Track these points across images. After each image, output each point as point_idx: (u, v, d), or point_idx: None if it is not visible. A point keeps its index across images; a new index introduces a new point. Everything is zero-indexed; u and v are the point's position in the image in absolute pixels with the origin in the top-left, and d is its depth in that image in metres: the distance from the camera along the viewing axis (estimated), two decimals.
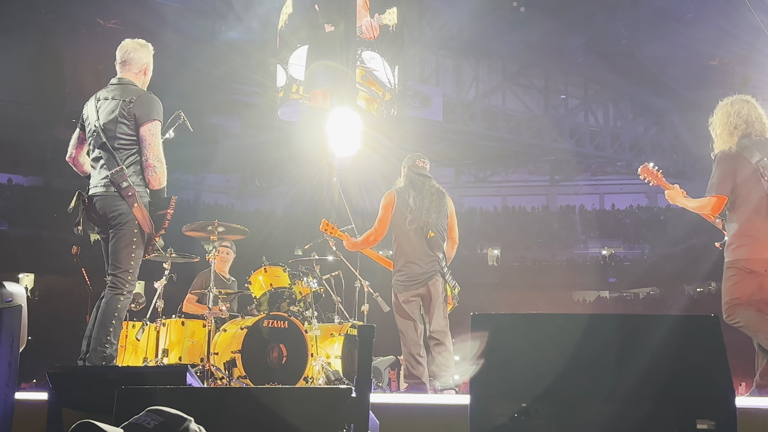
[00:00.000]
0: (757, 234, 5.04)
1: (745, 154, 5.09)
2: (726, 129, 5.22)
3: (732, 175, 5.09)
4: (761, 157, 5.05)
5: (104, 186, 5.14)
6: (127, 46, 5.48)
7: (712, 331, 2.82)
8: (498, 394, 2.79)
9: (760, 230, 5.04)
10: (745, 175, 5.08)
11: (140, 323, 7.10)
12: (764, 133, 5.21)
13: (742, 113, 5.20)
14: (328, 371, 7.24)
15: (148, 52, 5.55)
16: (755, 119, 5.20)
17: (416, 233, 6.69)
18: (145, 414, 2.43)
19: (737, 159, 5.10)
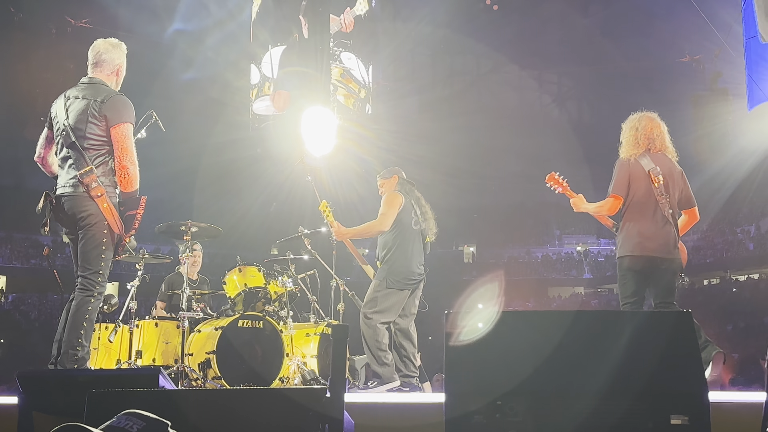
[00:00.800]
0: (645, 234, 5.66)
1: (641, 163, 5.74)
2: (631, 140, 5.88)
3: (627, 180, 5.74)
4: (654, 166, 5.71)
5: (72, 186, 5.04)
6: (99, 46, 5.38)
7: (684, 327, 2.84)
8: (473, 392, 2.79)
9: (648, 231, 5.66)
10: (639, 181, 5.73)
11: (113, 325, 7.03)
12: (663, 149, 5.89)
13: (647, 129, 5.88)
14: (304, 371, 7.20)
15: (121, 52, 5.45)
16: (657, 136, 5.88)
17: (417, 236, 7.12)
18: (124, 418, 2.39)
19: (633, 166, 5.76)
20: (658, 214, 5.71)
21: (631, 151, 5.83)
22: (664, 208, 5.70)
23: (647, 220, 5.69)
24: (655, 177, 5.69)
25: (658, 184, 5.68)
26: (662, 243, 5.67)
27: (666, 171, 5.77)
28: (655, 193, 5.69)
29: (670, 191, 5.75)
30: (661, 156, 5.83)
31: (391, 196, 7.18)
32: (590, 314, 3.02)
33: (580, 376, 2.79)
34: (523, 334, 2.91)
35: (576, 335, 2.88)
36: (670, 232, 5.71)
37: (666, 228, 5.70)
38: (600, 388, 2.74)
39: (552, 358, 2.81)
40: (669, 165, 5.82)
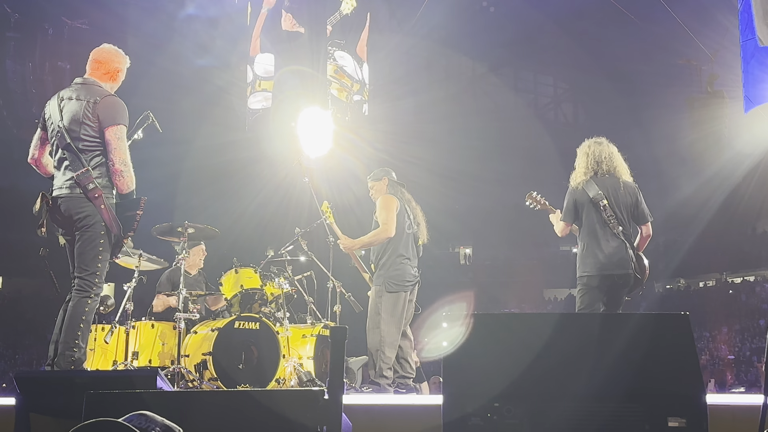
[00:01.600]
0: (595, 253, 6.20)
1: (586, 190, 6.26)
2: (582, 168, 6.42)
3: (573, 207, 6.36)
4: (598, 191, 6.23)
5: (69, 187, 5.04)
6: (104, 47, 5.41)
7: (682, 329, 2.84)
8: (470, 394, 2.79)
9: (600, 251, 6.18)
10: (585, 208, 6.28)
11: (109, 326, 7.01)
12: (611, 170, 6.37)
13: (595, 154, 6.41)
14: (300, 372, 7.20)
15: (124, 60, 5.46)
16: (604, 159, 6.38)
17: (411, 238, 7.19)
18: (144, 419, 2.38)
19: (579, 194, 6.33)
20: (608, 233, 6.20)
21: (579, 178, 6.37)
22: (614, 228, 6.19)
23: (599, 242, 6.21)
24: (599, 203, 6.20)
25: (603, 208, 6.20)
26: (615, 261, 6.16)
27: (611, 192, 6.25)
28: (603, 216, 6.20)
29: (617, 210, 6.23)
30: (608, 178, 6.32)
31: (386, 200, 7.18)
32: (587, 317, 3.03)
33: (577, 378, 2.79)
34: (520, 337, 2.91)
35: (573, 337, 2.89)
36: (621, 249, 6.18)
37: (619, 246, 6.19)
38: (597, 390, 2.75)
39: (549, 361, 2.81)
40: (615, 185, 6.30)
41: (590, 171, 6.36)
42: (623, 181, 6.36)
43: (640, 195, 6.40)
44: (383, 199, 7.22)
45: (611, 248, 6.18)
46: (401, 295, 7.00)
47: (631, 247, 6.24)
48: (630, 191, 6.35)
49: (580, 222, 6.36)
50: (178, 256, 7.41)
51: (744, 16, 8.24)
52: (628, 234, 6.26)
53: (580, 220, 6.35)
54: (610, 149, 6.47)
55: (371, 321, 7.01)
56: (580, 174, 6.39)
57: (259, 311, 7.50)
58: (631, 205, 6.32)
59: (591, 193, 6.24)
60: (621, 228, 6.20)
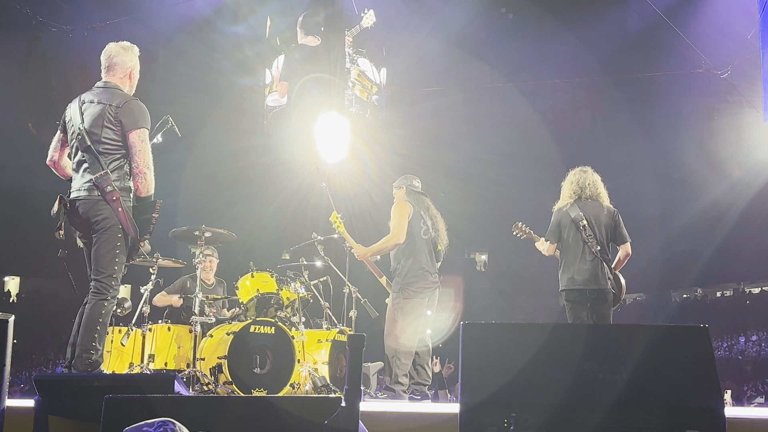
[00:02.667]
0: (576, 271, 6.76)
1: (569, 212, 6.86)
2: (567, 192, 7.02)
3: (557, 228, 6.93)
4: (579, 213, 6.81)
5: (87, 190, 5.06)
6: (111, 50, 5.39)
7: (701, 342, 2.83)
8: (487, 403, 2.78)
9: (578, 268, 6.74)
10: (567, 228, 6.86)
11: (126, 328, 7.05)
12: (594, 195, 6.96)
13: (579, 181, 7.00)
14: (315, 377, 7.20)
15: (133, 54, 5.46)
16: (588, 185, 6.97)
17: (428, 244, 7.21)
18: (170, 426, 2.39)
19: (562, 215, 6.91)
20: (586, 252, 6.76)
21: (564, 201, 6.99)
22: (592, 247, 6.75)
23: (577, 259, 6.78)
24: (579, 223, 6.78)
25: (583, 228, 6.77)
26: (590, 277, 6.72)
27: (592, 215, 6.85)
28: (583, 236, 6.77)
29: (596, 231, 6.80)
30: (590, 202, 6.93)
31: (398, 206, 7.23)
32: (607, 327, 3.01)
33: (595, 388, 2.78)
34: (537, 346, 2.90)
35: (592, 348, 2.87)
36: (597, 267, 6.74)
37: (594, 263, 6.74)
38: (615, 401, 2.73)
39: (567, 371, 2.80)
40: (597, 209, 6.91)
41: (574, 195, 6.95)
42: (605, 206, 6.96)
43: (619, 218, 6.97)
44: (396, 206, 7.28)
45: (587, 265, 6.74)
46: (418, 301, 7.00)
47: (607, 265, 6.81)
48: (610, 215, 6.93)
49: (561, 241, 6.93)
50: (194, 260, 7.43)
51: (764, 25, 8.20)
52: (605, 253, 6.83)
53: (562, 240, 6.92)
54: (594, 177, 7.07)
55: (388, 327, 7.02)
56: (565, 198, 7.01)
57: (275, 315, 7.52)
58: (611, 227, 6.90)
59: (573, 215, 6.84)
60: (599, 248, 6.76)
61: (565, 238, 6.89)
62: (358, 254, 7.44)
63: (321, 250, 8.23)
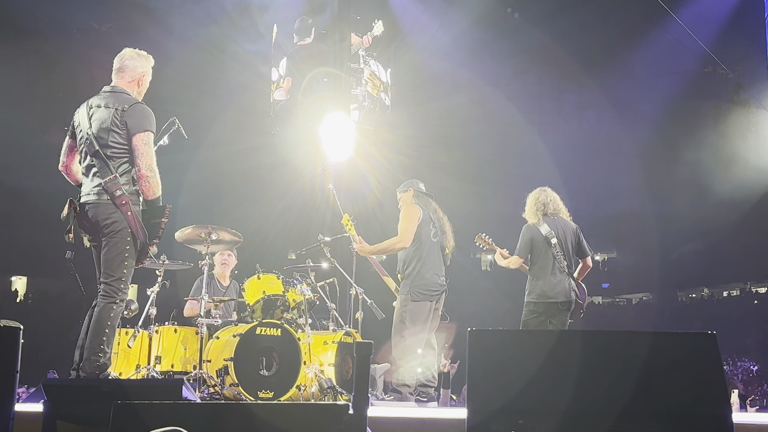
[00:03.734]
0: (546, 284, 7.15)
1: (540, 229, 7.25)
2: (532, 210, 7.41)
3: (528, 243, 7.28)
4: (549, 230, 7.20)
5: (97, 194, 5.09)
6: (125, 53, 5.45)
7: (709, 348, 2.82)
8: (495, 410, 2.79)
9: (548, 282, 7.15)
10: (538, 244, 7.24)
11: (132, 330, 7.07)
12: (557, 212, 7.38)
13: (541, 199, 7.42)
14: (321, 379, 7.21)
15: (147, 62, 5.49)
16: (549, 202, 7.39)
17: (437, 247, 7.27)
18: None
19: (534, 231, 7.29)
20: (555, 267, 7.16)
21: (532, 219, 7.37)
22: (560, 262, 7.17)
23: (547, 274, 7.17)
24: (550, 239, 7.18)
25: (553, 245, 7.17)
26: (560, 290, 7.13)
27: (560, 232, 7.25)
28: (552, 252, 7.17)
29: (564, 247, 7.22)
30: (556, 219, 7.34)
31: (408, 210, 7.24)
32: (614, 334, 3.00)
33: (602, 396, 2.78)
34: (545, 353, 2.89)
35: (599, 354, 2.87)
36: (565, 281, 7.17)
37: (562, 278, 7.17)
38: (622, 408, 2.73)
39: (575, 378, 2.80)
40: (563, 225, 7.32)
41: (539, 213, 7.36)
42: (569, 223, 7.41)
43: (581, 234, 7.44)
44: (405, 209, 7.30)
45: (557, 279, 7.15)
46: (426, 304, 7.03)
47: (572, 278, 7.27)
48: (574, 231, 7.39)
49: (531, 256, 7.31)
50: (201, 261, 7.44)
51: None
52: (571, 267, 7.29)
53: (532, 254, 7.30)
54: (554, 195, 7.51)
55: (395, 329, 7.04)
56: (531, 215, 7.40)
57: (281, 317, 7.53)
58: (575, 243, 7.35)
59: (543, 232, 7.23)
60: (566, 263, 7.22)
61: (536, 253, 7.27)
62: (361, 250, 7.46)
63: (327, 252, 8.23)
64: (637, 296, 35.49)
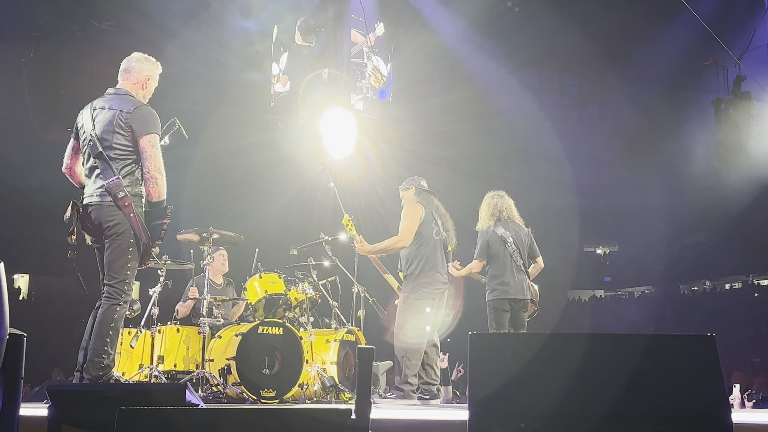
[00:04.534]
0: (504, 282, 7.55)
1: (496, 231, 7.65)
2: (487, 214, 7.81)
3: (486, 246, 7.66)
4: (505, 231, 7.64)
5: (99, 196, 5.12)
6: (133, 56, 5.49)
7: (708, 351, 2.84)
8: (496, 413, 2.80)
9: (506, 280, 7.55)
10: (496, 244, 7.62)
11: (135, 330, 7.10)
12: (511, 217, 7.83)
13: (498, 205, 7.83)
14: (324, 377, 7.24)
15: (153, 67, 5.51)
16: (505, 208, 7.83)
17: (439, 245, 7.29)
18: None
19: (491, 234, 7.68)
20: (513, 266, 7.58)
21: (488, 222, 7.78)
22: (517, 261, 7.60)
23: (506, 272, 7.58)
24: (506, 239, 7.60)
25: (509, 245, 7.59)
26: (517, 288, 7.58)
27: (514, 233, 7.69)
28: (509, 251, 7.58)
29: (519, 248, 7.66)
30: (510, 222, 7.79)
31: (410, 208, 7.23)
32: (615, 337, 3.02)
33: (603, 399, 2.80)
34: (547, 357, 2.91)
35: (600, 358, 2.89)
36: (522, 278, 7.64)
37: (519, 276, 7.62)
38: (623, 411, 2.75)
39: (575, 381, 2.82)
40: (516, 228, 7.77)
41: (494, 217, 7.76)
42: (522, 227, 7.85)
43: (533, 237, 7.93)
44: (407, 207, 7.29)
45: (515, 277, 7.57)
46: (429, 302, 7.04)
47: (528, 277, 7.74)
48: (527, 234, 7.85)
49: (489, 257, 7.68)
50: (202, 261, 7.47)
51: None
52: (526, 266, 7.73)
53: (490, 256, 7.67)
54: (509, 201, 7.93)
55: (398, 327, 7.04)
56: (486, 219, 7.81)
57: (283, 316, 7.56)
58: (527, 244, 7.78)
59: (499, 233, 7.64)
60: (522, 262, 7.65)
61: (494, 254, 7.64)
62: (361, 250, 7.45)
63: (329, 250, 8.26)
64: (639, 289, 35.46)
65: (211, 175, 21.31)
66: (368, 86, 13.71)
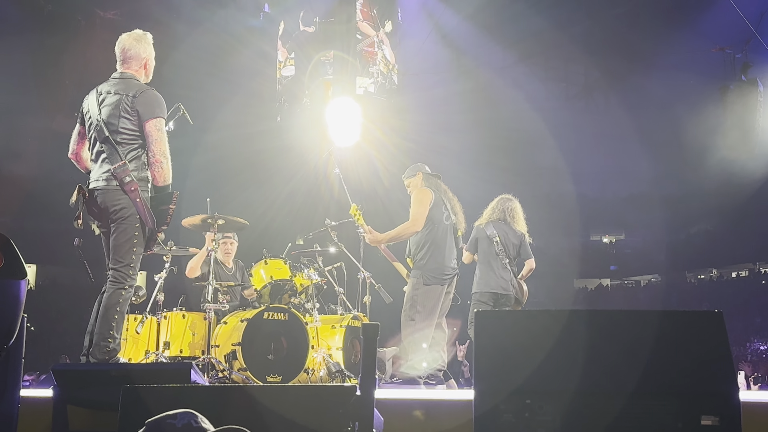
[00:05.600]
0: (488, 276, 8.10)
1: (485, 230, 8.22)
2: (487, 214, 8.41)
3: (474, 241, 8.30)
4: (493, 230, 8.18)
5: (106, 180, 5.11)
6: (124, 42, 5.41)
7: (716, 327, 2.82)
8: (502, 391, 2.79)
9: (491, 275, 8.10)
10: (483, 242, 8.21)
11: (141, 316, 7.10)
12: (508, 219, 8.32)
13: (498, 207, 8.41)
14: (329, 363, 7.24)
15: (147, 44, 5.47)
16: (504, 210, 8.36)
17: (450, 230, 7.24)
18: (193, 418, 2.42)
19: (480, 231, 8.27)
20: (498, 263, 8.09)
21: (482, 220, 8.37)
22: (503, 259, 8.11)
23: (491, 269, 8.11)
24: (492, 239, 8.14)
25: (496, 244, 8.12)
26: (500, 284, 8.07)
27: (502, 234, 8.20)
28: (495, 250, 8.11)
29: (506, 246, 8.17)
30: (501, 224, 8.29)
31: (419, 193, 7.14)
32: (619, 313, 3.00)
33: (609, 375, 2.78)
34: (552, 333, 2.90)
35: (606, 334, 2.87)
36: (506, 276, 8.12)
37: (503, 273, 8.11)
38: (630, 387, 2.73)
39: (582, 358, 2.80)
40: (506, 230, 8.27)
41: (492, 217, 8.34)
42: (515, 229, 8.32)
43: (525, 239, 8.34)
44: (417, 192, 7.18)
45: (498, 274, 8.09)
46: (438, 288, 6.96)
47: (513, 275, 8.21)
48: (517, 235, 8.29)
49: (478, 253, 8.26)
50: (209, 248, 7.45)
51: None
52: (512, 265, 8.22)
53: (478, 252, 8.25)
54: (513, 205, 8.46)
55: (406, 313, 6.98)
56: (484, 218, 8.39)
57: (289, 302, 7.55)
58: (517, 246, 8.25)
59: (487, 232, 8.19)
60: (507, 261, 8.14)
61: (481, 250, 8.21)
62: (371, 240, 7.36)
63: (334, 236, 8.25)
64: (645, 278, 35.44)
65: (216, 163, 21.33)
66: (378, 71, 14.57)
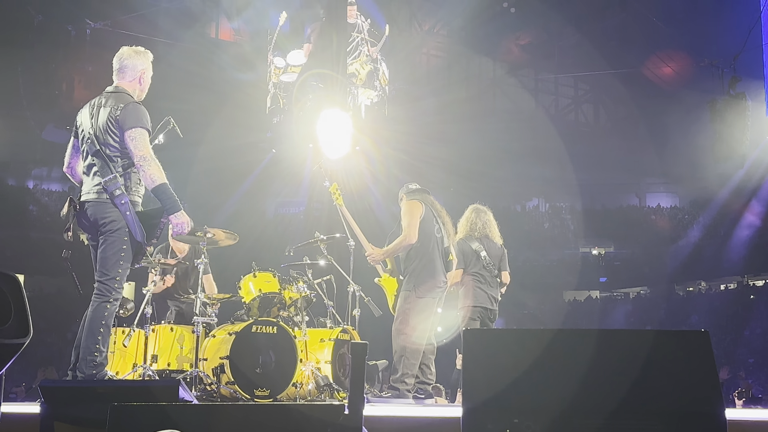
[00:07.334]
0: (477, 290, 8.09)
1: (471, 244, 8.19)
2: (464, 227, 8.35)
3: (462, 255, 8.05)
4: (478, 245, 8.18)
5: (96, 192, 5.12)
6: (123, 53, 5.45)
7: (701, 346, 2.83)
8: (490, 409, 2.79)
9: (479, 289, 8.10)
10: (470, 257, 8.16)
11: (128, 329, 7.06)
12: (484, 231, 8.33)
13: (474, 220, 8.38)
14: (318, 376, 7.21)
15: (145, 59, 5.49)
16: (483, 224, 8.36)
17: (440, 243, 7.23)
18: None
19: (464, 245, 8.18)
20: (486, 277, 8.14)
21: (464, 234, 8.29)
22: (492, 273, 8.16)
23: (480, 283, 8.12)
24: (479, 253, 8.14)
25: (484, 258, 8.13)
26: (488, 298, 8.13)
27: (487, 247, 8.21)
28: (482, 263, 8.13)
29: (491, 260, 8.15)
30: (484, 237, 8.30)
31: (409, 205, 7.16)
32: (608, 333, 3.02)
33: (597, 394, 2.79)
34: (541, 352, 2.90)
35: (593, 353, 2.88)
36: (494, 291, 8.21)
37: (490, 288, 8.17)
38: (617, 407, 2.74)
39: (569, 377, 2.81)
40: (489, 243, 8.29)
41: (470, 230, 8.30)
42: (495, 242, 8.34)
43: (504, 252, 8.40)
44: (406, 204, 7.20)
45: (487, 289, 8.14)
46: (430, 301, 6.96)
47: (498, 290, 8.29)
48: (498, 248, 8.33)
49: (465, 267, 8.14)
50: (196, 260, 7.43)
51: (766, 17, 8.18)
52: (498, 279, 8.27)
53: (466, 266, 8.13)
54: (486, 217, 8.45)
55: (399, 325, 6.96)
56: (463, 231, 8.31)
57: (277, 315, 7.52)
58: (499, 258, 8.28)
59: (474, 246, 8.17)
60: (495, 274, 8.21)
61: (469, 265, 8.13)
62: (373, 257, 7.34)
63: (324, 249, 8.23)
64: (634, 290, 35.44)
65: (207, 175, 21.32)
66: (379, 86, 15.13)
